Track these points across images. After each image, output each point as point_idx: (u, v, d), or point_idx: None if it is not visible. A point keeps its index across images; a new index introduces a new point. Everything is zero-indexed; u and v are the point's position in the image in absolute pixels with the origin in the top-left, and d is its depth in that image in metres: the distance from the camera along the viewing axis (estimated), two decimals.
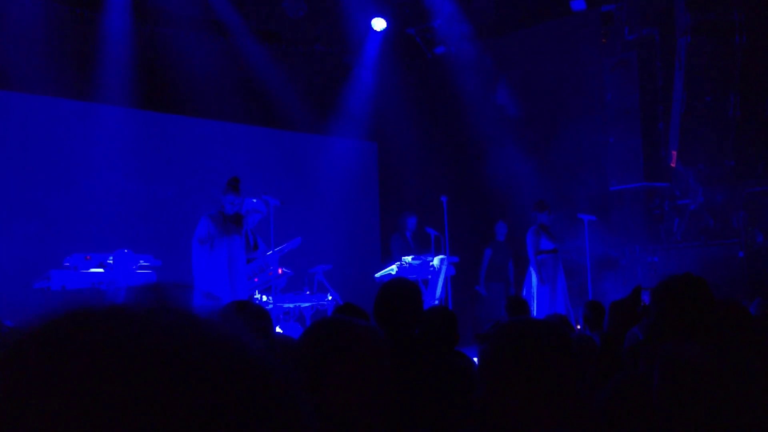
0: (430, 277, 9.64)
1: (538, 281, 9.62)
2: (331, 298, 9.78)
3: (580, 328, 7.11)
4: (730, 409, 2.03)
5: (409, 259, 9.52)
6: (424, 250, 9.92)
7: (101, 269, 8.07)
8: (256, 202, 8.78)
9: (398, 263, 9.52)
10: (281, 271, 9.16)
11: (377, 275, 9.61)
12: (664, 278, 2.70)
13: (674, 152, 10.66)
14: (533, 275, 9.71)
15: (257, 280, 8.83)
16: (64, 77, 9.72)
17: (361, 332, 1.92)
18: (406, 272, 9.21)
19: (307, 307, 9.76)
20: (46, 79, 9.52)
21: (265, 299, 8.92)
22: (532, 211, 9.91)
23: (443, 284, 9.60)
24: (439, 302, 9.44)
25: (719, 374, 2.16)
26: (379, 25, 12.22)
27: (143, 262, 8.35)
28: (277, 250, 8.94)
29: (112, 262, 8.09)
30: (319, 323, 2.05)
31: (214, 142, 11.16)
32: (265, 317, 3.57)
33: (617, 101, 11.18)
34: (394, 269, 9.41)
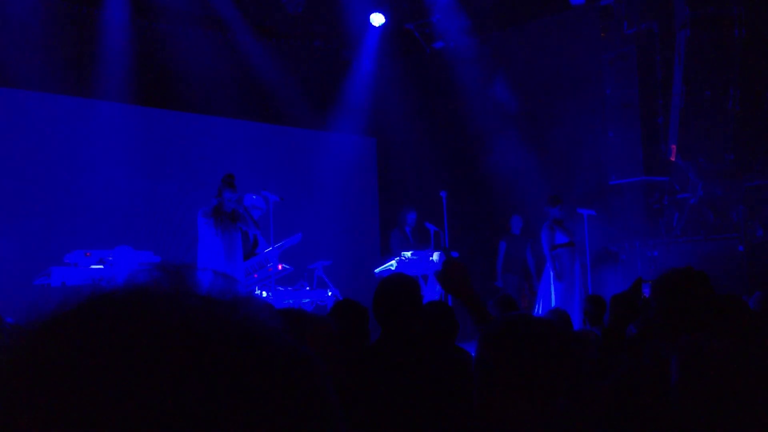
0: (429, 272, 9.64)
1: (554, 276, 9.64)
2: (331, 293, 9.78)
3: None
4: (749, 401, 2.03)
5: (408, 254, 9.52)
6: (423, 245, 9.92)
7: (101, 266, 8.08)
8: (255, 198, 8.78)
9: (397, 258, 9.52)
10: (281, 267, 9.16)
11: (377, 270, 9.61)
12: (664, 271, 2.70)
13: (674, 146, 10.65)
14: (550, 271, 9.72)
15: (257, 276, 8.83)
16: (63, 74, 9.70)
17: (314, 320, 2.04)
18: (405, 267, 9.21)
19: (306, 302, 9.77)
20: (45, 75, 9.51)
21: (264, 295, 8.92)
22: (544, 206, 9.88)
23: None
24: (439, 297, 9.45)
25: (739, 366, 2.16)
26: (377, 20, 12.20)
27: (143, 258, 8.35)
28: (277, 246, 8.94)
29: (112, 258, 8.10)
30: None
31: (213, 138, 11.16)
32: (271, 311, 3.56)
33: (616, 95, 11.17)
34: (393, 264, 9.41)
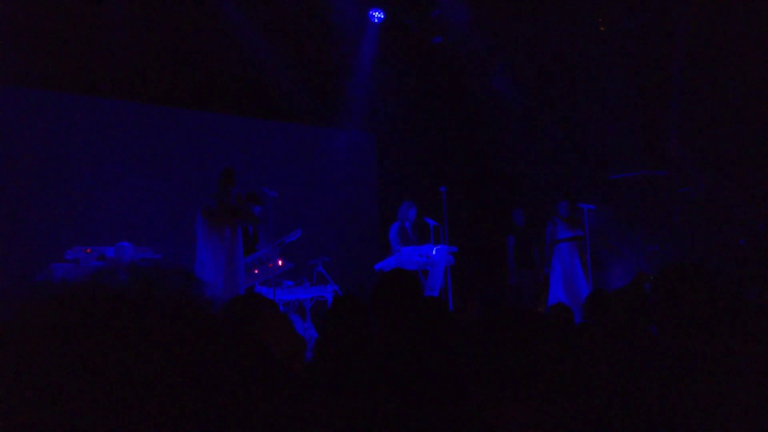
0: (429, 267, 9.64)
1: (550, 270, 9.75)
2: (331, 289, 9.79)
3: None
4: (728, 397, 2.04)
5: (408, 249, 9.52)
6: (423, 240, 9.92)
7: (102, 262, 8.08)
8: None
9: (397, 254, 9.51)
10: (281, 262, 9.16)
11: (376, 266, 9.61)
12: (664, 266, 2.70)
13: (674, 140, 10.66)
14: (556, 264, 9.79)
15: (257, 272, 8.84)
16: (62, 71, 9.69)
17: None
18: (405, 263, 9.21)
19: (306, 298, 9.77)
20: (44, 73, 9.50)
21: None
22: (557, 200, 9.95)
23: (443, 274, 9.61)
24: (438, 293, 9.45)
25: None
26: (376, 15, 12.20)
27: (144, 254, 8.36)
28: (277, 242, 8.94)
29: (112, 255, 8.10)
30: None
31: (213, 134, 11.15)
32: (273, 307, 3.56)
33: (616, 89, 11.17)
34: (393, 260, 9.41)
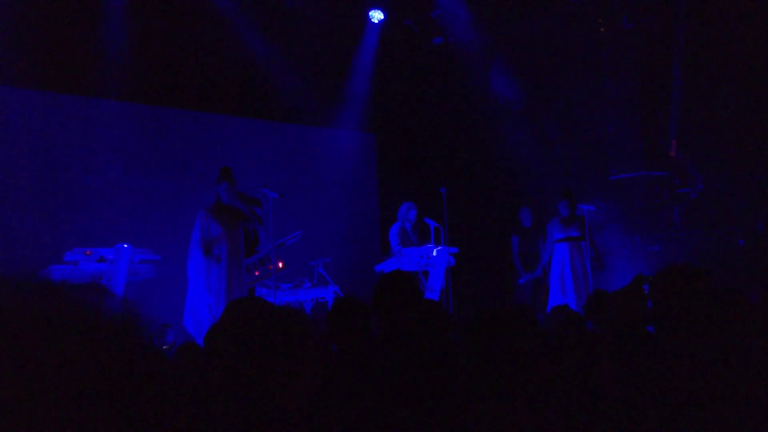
0: (429, 268, 9.63)
1: (552, 270, 9.73)
2: (332, 290, 9.79)
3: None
4: (727, 398, 2.03)
5: (408, 250, 9.51)
6: (423, 241, 9.91)
7: (101, 264, 8.08)
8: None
9: (398, 255, 9.51)
10: (281, 264, 9.16)
11: (377, 267, 9.60)
12: (663, 268, 2.70)
13: (674, 141, 10.65)
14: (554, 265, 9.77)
15: (257, 273, 8.83)
16: (61, 72, 9.69)
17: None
18: (405, 264, 9.21)
19: (307, 300, 9.77)
20: (43, 74, 9.49)
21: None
22: (555, 200, 9.93)
23: (443, 275, 9.60)
24: (439, 294, 9.44)
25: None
26: (376, 16, 12.20)
27: (143, 256, 8.35)
28: (277, 243, 8.93)
29: (112, 256, 8.10)
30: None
31: (212, 135, 11.15)
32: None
33: (616, 90, 11.16)
34: (393, 261, 9.40)
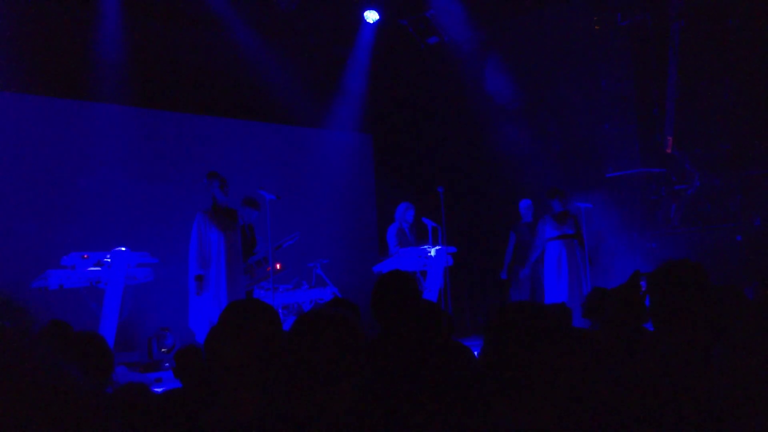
0: (427, 268, 9.63)
1: (545, 266, 9.69)
2: (331, 291, 9.79)
3: None
4: (725, 395, 2.03)
5: (407, 250, 9.51)
6: (421, 241, 9.91)
7: (99, 268, 8.07)
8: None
9: (396, 255, 9.51)
10: (279, 266, 9.16)
11: (375, 268, 9.60)
12: (661, 264, 2.69)
13: (670, 137, 10.66)
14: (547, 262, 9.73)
15: (256, 275, 8.83)
16: (57, 76, 9.68)
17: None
18: (403, 264, 9.20)
19: (305, 301, 9.77)
20: (39, 78, 9.48)
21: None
22: (545, 198, 9.88)
23: (442, 275, 9.60)
24: (437, 294, 9.44)
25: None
26: (371, 16, 12.19)
27: (140, 260, 8.34)
28: (275, 245, 8.93)
29: (109, 260, 8.08)
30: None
31: (209, 137, 11.14)
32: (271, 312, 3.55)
33: (612, 88, 11.16)
34: (391, 261, 9.40)
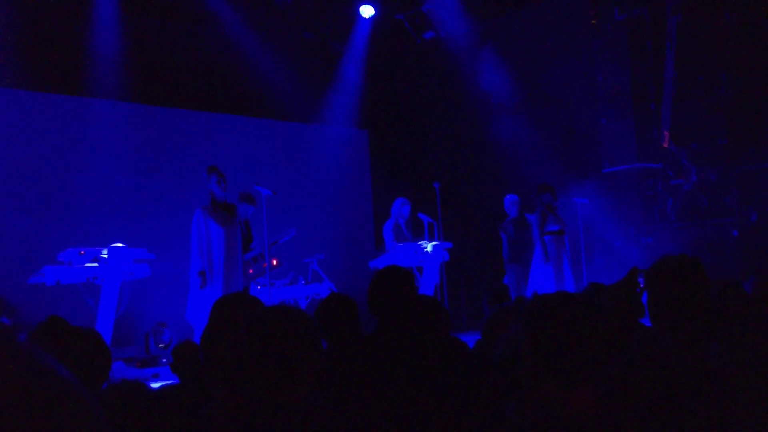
0: (424, 264, 9.62)
1: (542, 260, 9.57)
2: (327, 287, 9.78)
3: None
4: (725, 390, 2.03)
5: (402, 246, 9.50)
6: (417, 236, 9.90)
7: (96, 264, 8.05)
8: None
9: (392, 251, 9.50)
10: (275, 262, 9.15)
11: (371, 263, 9.60)
12: (658, 259, 2.69)
13: (667, 132, 10.66)
14: (541, 256, 9.62)
15: (252, 271, 8.82)
16: (53, 72, 9.66)
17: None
18: (400, 259, 9.19)
19: (302, 297, 9.77)
20: (35, 74, 9.46)
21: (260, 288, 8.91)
22: (535, 194, 9.73)
23: (438, 270, 9.60)
24: (433, 289, 9.44)
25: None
26: (367, 12, 12.16)
27: (137, 255, 8.32)
28: (271, 241, 8.92)
29: (106, 256, 8.07)
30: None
31: (204, 133, 11.12)
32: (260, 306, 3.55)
33: (608, 82, 11.15)
34: (388, 257, 9.39)
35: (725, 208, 10.38)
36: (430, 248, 9.49)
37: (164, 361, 8.57)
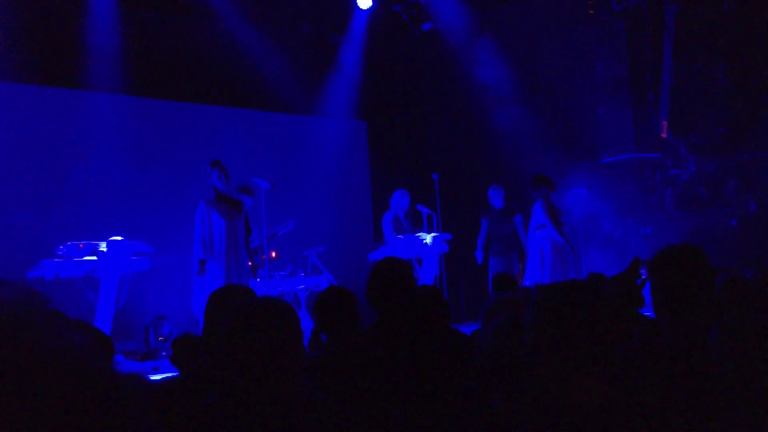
0: (423, 255, 9.62)
1: (547, 253, 9.34)
2: (326, 279, 9.78)
3: None
4: (728, 378, 2.03)
5: (402, 238, 9.50)
6: (416, 228, 9.89)
7: (95, 257, 8.04)
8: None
9: (391, 243, 9.50)
10: (274, 254, 9.14)
11: (370, 255, 9.59)
12: (661, 248, 2.69)
13: (665, 122, 10.65)
14: (540, 246, 9.42)
15: (250, 264, 8.82)
16: (51, 65, 9.63)
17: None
18: (399, 251, 9.19)
19: (301, 289, 9.77)
20: (33, 67, 9.43)
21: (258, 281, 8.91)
22: (533, 186, 9.58)
23: (437, 262, 9.59)
24: (433, 281, 9.44)
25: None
26: (364, 3, 12.12)
27: (136, 249, 8.32)
28: (270, 234, 8.91)
29: (105, 250, 8.06)
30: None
31: (203, 126, 11.10)
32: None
33: (606, 72, 11.14)
34: (387, 249, 9.39)
35: (723, 198, 10.38)
36: (429, 240, 9.49)
37: (164, 354, 8.58)
